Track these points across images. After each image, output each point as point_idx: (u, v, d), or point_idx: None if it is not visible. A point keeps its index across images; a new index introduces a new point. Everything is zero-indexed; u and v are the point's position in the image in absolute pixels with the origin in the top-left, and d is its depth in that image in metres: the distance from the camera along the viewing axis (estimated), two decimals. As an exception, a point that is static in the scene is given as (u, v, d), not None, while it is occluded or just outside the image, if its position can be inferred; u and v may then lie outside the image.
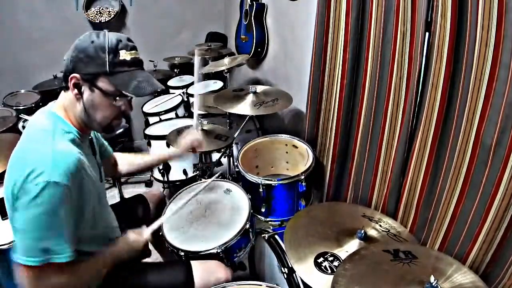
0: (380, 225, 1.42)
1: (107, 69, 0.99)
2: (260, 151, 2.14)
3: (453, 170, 1.25)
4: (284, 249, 1.34)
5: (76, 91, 1.02)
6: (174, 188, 2.53)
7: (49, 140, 0.98)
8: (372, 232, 1.37)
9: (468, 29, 1.14)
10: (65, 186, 0.92)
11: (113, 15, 3.12)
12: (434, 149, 1.35)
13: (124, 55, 1.01)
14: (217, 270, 1.33)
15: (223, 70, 2.42)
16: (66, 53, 1.02)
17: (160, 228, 1.51)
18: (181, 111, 2.88)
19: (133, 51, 1.04)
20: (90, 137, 1.20)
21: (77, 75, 1.00)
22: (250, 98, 2.00)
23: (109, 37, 1.00)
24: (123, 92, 1.02)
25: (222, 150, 2.09)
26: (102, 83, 1.01)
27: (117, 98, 1.04)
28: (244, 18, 2.87)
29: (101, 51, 0.98)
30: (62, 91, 1.08)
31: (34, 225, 0.91)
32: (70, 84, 1.01)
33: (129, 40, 1.05)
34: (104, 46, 0.98)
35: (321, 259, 1.23)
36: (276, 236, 1.52)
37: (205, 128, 2.02)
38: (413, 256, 1.07)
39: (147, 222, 1.32)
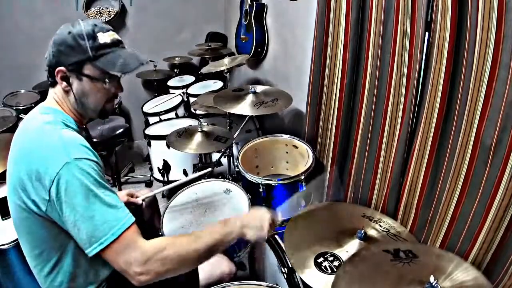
0: (380, 225, 1.42)
1: (90, 55, 1.00)
2: (260, 151, 2.14)
3: (453, 170, 1.25)
4: (284, 249, 1.34)
5: (64, 83, 1.03)
6: (174, 188, 2.53)
7: (55, 130, 0.98)
8: (372, 232, 1.36)
9: (468, 29, 1.14)
10: (86, 159, 0.93)
11: (113, 15, 3.13)
12: (434, 149, 1.35)
13: (103, 37, 1.02)
14: (221, 264, 1.34)
15: (223, 70, 2.41)
16: (47, 51, 1.03)
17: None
18: (181, 111, 2.88)
19: (110, 32, 1.05)
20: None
21: (62, 68, 1.00)
22: (250, 98, 2.00)
23: (84, 24, 1.02)
24: (111, 72, 1.03)
25: (222, 150, 2.09)
26: (88, 70, 1.02)
27: (107, 80, 1.05)
28: (244, 18, 2.87)
29: (80, 38, 0.99)
30: (50, 88, 1.08)
31: (86, 207, 0.89)
32: (58, 78, 1.02)
33: (104, 23, 1.07)
34: (82, 33, 0.99)
35: (321, 259, 1.22)
36: (276, 236, 1.51)
37: (204, 129, 2.01)
38: (414, 255, 1.07)
39: (141, 222, 1.31)
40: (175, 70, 3.36)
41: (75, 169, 0.90)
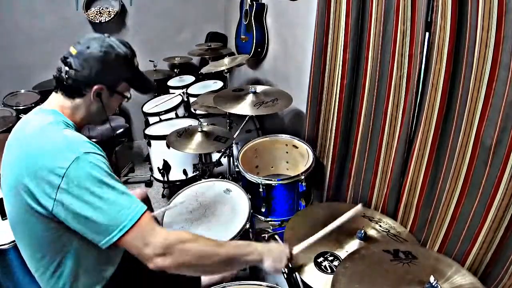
0: (380, 225, 1.42)
1: (130, 76, 1.11)
2: (260, 151, 2.14)
3: (453, 170, 1.25)
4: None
5: (98, 98, 1.06)
6: (174, 188, 2.53)
7: (58, 130, 0.98)
8: (372, 232, 1.37)
9: (468, 29, 1.14)
10: (93, 153, 0.94)
11: (113, 15, 3.12)
12: (434, 149, 1.36)
13: (135, 60, 1.12)
14: None
15: (223, 70, 2.42)
16: (79, 61, 1.01)
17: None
18: (181, 111, 2.88)
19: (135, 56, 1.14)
20: None
21: (102, 86, 1.04)
22: (250, 98, 2.00)
23: (122, 46, 1.07)
24: (137, 91, 1.18)
25: (222, 150, 2.09)
26: (122, 88, 1.11)
27: (128, 96, 1.15)
28: (244, 18, 2.87)
29: (125, 61, 1.07)
30: (60, 95, 1.05)
31: (101, 198, 0.89)
32: (93, 94, 1.04)
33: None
34: (127, 57, 1.08)
35: (321, 259, 1.23)
36: (276, 236, 1.52)
37: (204, 129, 2.02)
38: (413, 257, 1.07)
39: None
40: (175, 70, 3.36)
41: (86, 163, 0.91)
